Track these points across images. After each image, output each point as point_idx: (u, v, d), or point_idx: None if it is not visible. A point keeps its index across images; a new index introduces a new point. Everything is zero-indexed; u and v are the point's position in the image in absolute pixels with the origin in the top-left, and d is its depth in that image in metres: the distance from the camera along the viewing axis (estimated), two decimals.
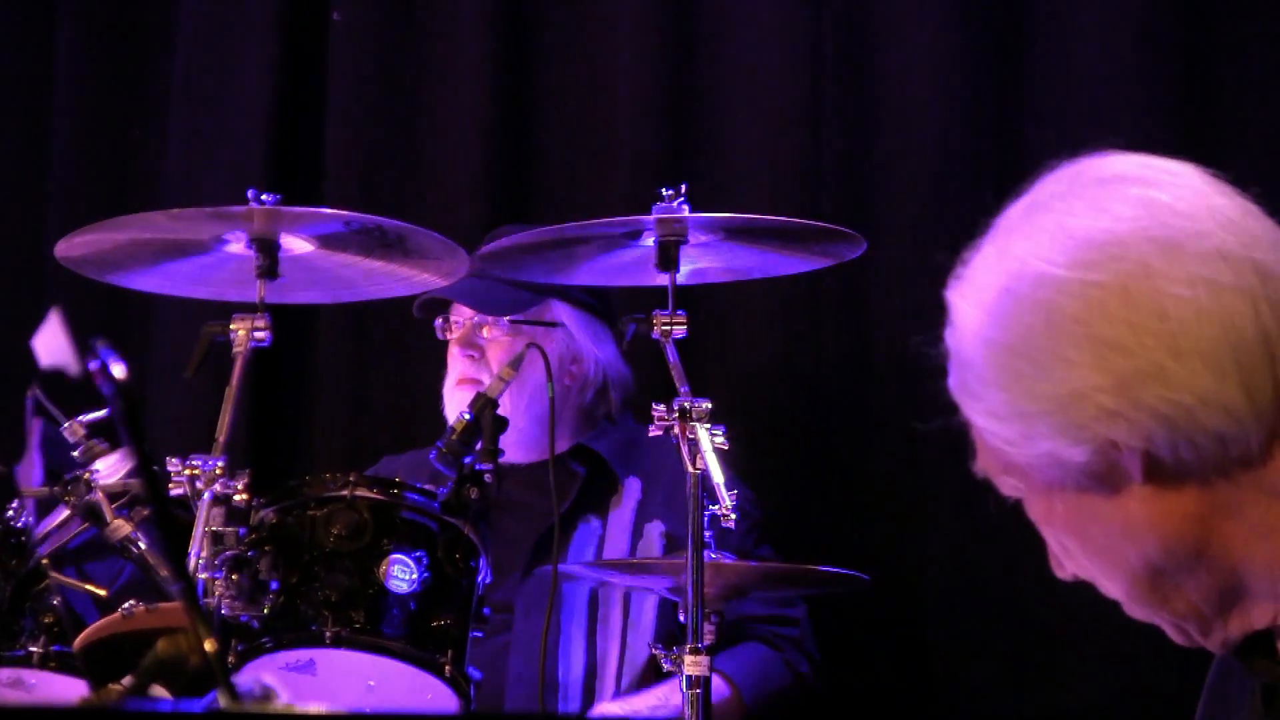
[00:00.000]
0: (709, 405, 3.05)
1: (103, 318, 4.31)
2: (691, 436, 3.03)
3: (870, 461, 4.00)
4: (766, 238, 3.31)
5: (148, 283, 3.38)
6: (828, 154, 4.06)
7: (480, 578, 3.08)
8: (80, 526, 3.09)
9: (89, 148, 4.59)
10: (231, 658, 2.93)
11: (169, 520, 2.63)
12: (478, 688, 3.05)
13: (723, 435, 3.04)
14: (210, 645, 1.35)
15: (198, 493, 2.94)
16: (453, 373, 3.75)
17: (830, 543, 3.90)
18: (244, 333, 3.09)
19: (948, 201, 3.89)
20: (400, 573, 2.99)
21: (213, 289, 3.33)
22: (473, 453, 3.07)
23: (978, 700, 3.87)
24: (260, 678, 1.35)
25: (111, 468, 3.08)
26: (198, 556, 2.90)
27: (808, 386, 4.08)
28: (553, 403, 3.37)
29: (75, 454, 3.14)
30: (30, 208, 4.57)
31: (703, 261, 3.32)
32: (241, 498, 2.96)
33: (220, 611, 2.91)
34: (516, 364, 3.20)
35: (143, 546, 3.00)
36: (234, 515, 2.96)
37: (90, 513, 3.01)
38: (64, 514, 3.09)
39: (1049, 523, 1.63)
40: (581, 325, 3.77)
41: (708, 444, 3.02)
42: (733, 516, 2.97)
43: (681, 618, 3.06)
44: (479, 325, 3.73)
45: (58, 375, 3.54)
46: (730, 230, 3.24)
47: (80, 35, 4.61)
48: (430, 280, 3.35)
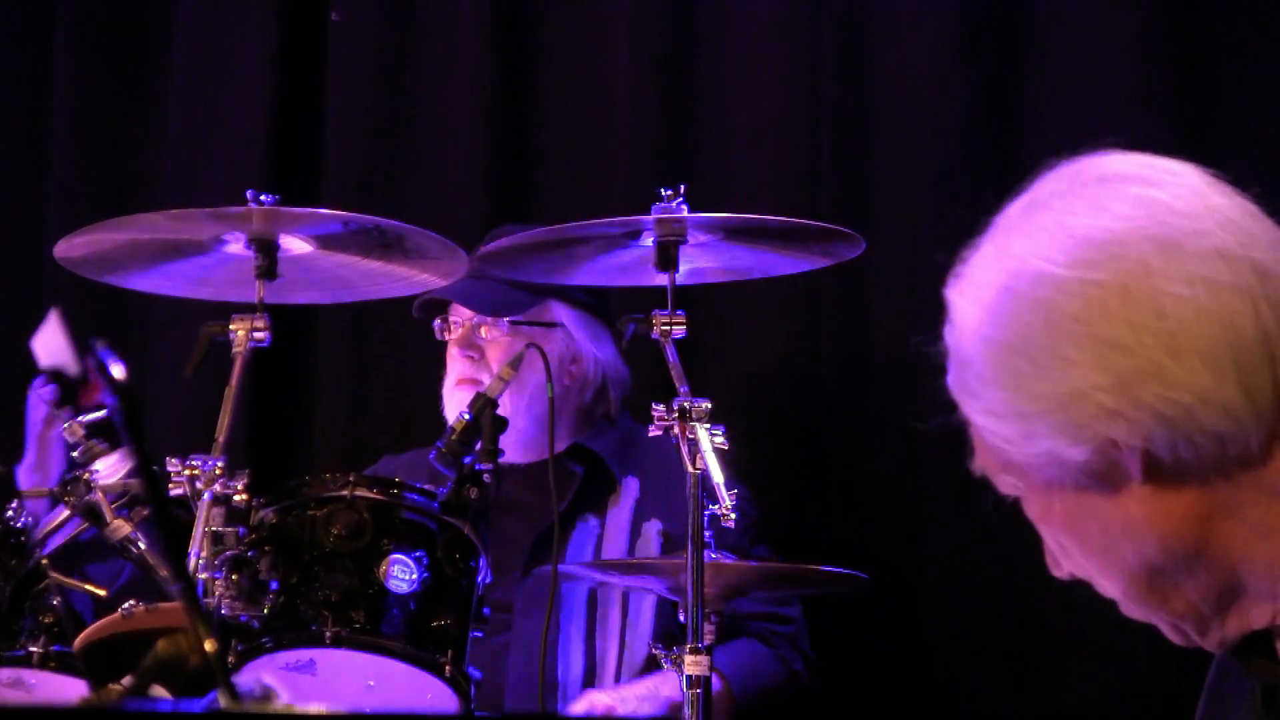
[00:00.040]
0: (709, 405, 3.05)
1: (102, 318, 4.31)
2: (691, 436, 3.03)
3: (869, 461, 4.00)
4: (766, 238, 3.31)
5: (147, 283, 3.38)
6: (826, 154, 4.05)
7: (480, 578, 3.07)
8: (80, 526, 3.09)
9: (89, 148, 4.59)
10: (231, 658, 2.93)
11: (169, 520, 2.63)
12: (477, 687, 3.05)
13: (722, 435, 3.04)
14: (210, 645, 1.35)
15: (197, 493, 2.94)
16: (452, 373, 3.75)
17: (829, 542, 3.90)
18: (243, 333, 3.09)
19: (946, 201, 3.89)
20: (400, 573, 2.99)
21: (212, 289, 3.33)
22: (472, 453, 3.06)
23: (977, 700, 3.87)
24: (260, 678, 1.35)
25: (111, 468, 3.08)
26: (197, 557, 2.90)
27: (807, 386, 4.07)
28: (552, 402, 3.37)
29: (75, 454, 3.14)
30: (30, 208, 4.56)
31: (702, 261, 3.32)
32: (241, 498, 2.96)
33: (220, 611, 2.91)
34: (516, 364, 3.20)
35: (142, 546, 3.00)
36: (234, 515, 2.96)
37: (90, 513, 3.01)
38: (63, 514, 3.09)
39: (1047, 521, 1.63)
40: (580, 325, 3.77)
41: (707, 444, 3.02)
42: (732, 516, 2.96)
43: (682, 617, 3.06)
44: (478, 326, 3.73)
45: (58, 374, 3.55)
46: (729, 230, 3.24)
47: (79, 35, 4.60)
48: (429, 280, 3.35)
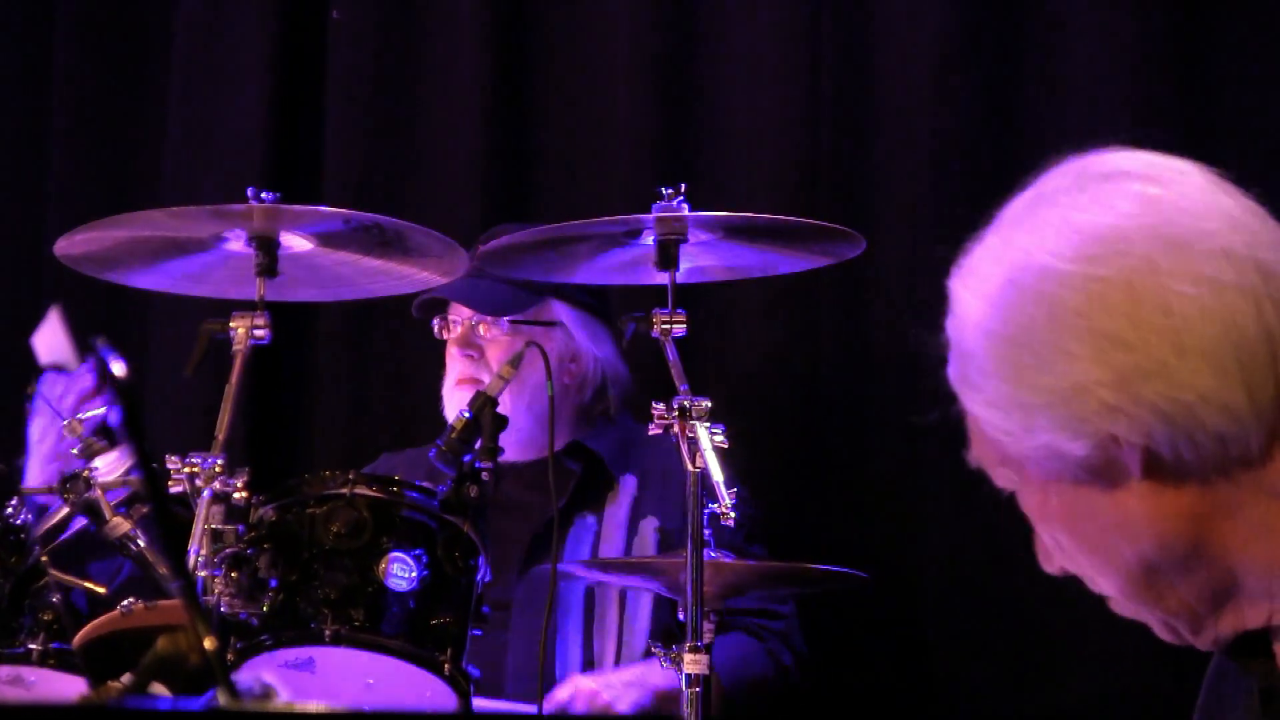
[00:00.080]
0: (709, 404, 3.05)
1: (102, 316, 4.31)
2: (691, 435, 3.02)
3: (869, 460, 4.00)
4: (766, 237, 3.31)
5: (147, 281, 3.38)
6: (826, 154, 4.05)
7: (479, 576, 3.07)
8: (79, 523, 3.09)
9: (88, 146, 4.59)
10: (231, 656, 2.93)
11: (168, 518, 2.63)
12: (476, 686, 3.05)
13: (722, 434, 3.04)
14: (210, 643, 1.35)
15: (197, 490, 2.94)
16: (452, 372, 3.75)
17: (829, 541, 3.90)
18: (243, 331, 3.09)
19: (946, 201, 3.89)
20: (400, 571, 2.99)
21: (212, 287, 3.33)
22: (472, 451, 3.06)
23: (977, 699, 3.87)
24: (260, 676, 1.35)
25: (111, 465, 3.08)
26: (197, 554, 2.90)
27: (806, 385, 4.07)
28: (552, 401, 3.37)
29: (74, 451, 3.14)
30: (30, 206, 4.56)
31: (702, 260, 3.32)
32: (241, 495, 2.96)
33: (219, 609, 2.91)
34: (516, 362, 3.20)
35: (142, 544, 3.00)
36: (233, 513, 2.96)
37: (89, 510, 3.01)
38: (63, 511, 3.09)
39: (1043, 516, 1.62)
40: (580, 324, 3.77)
41: (707, 443, 3.01)
42: (732, 515, 2.96)
43: (681, 616, 3.06)
44: (477, 325, 3.72)
45: (57, 372, 3.55)
46: (730, 229, 3.24)
47: (79, 34, 4.60)
48: (429, 278, 3.35)
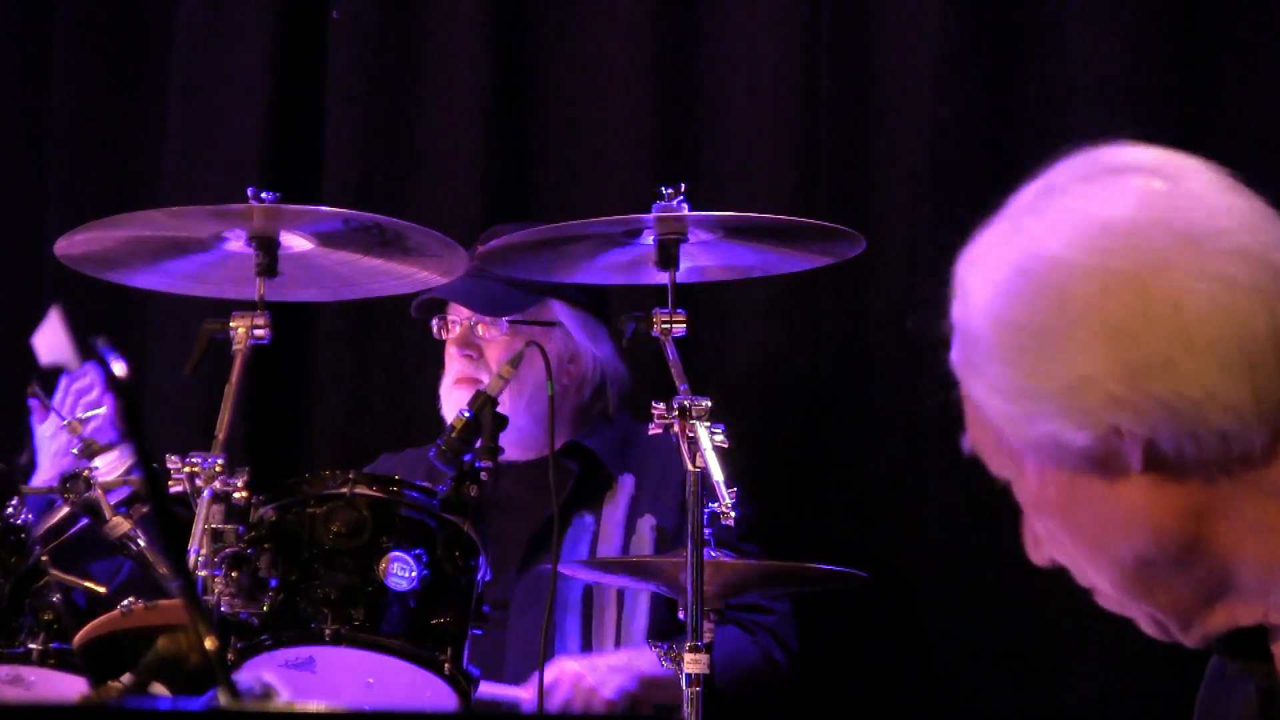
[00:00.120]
0: (709, 403, 3.05)
1: (102, 315, 4.31)
2: (691, 435, 3.02)
3: (868, 460, 3.99)
4: (766, 236, 3.31)
5: (147, 280, 3.38)
6: (826, 153, 4.05)
7: (480, 575, 3.07)
8: (80, 523, 3.09)
9: (88, 147, 4.58)
10: (231, 655, 2.93)
11: (168, 517, 2.62)
12: (476, 685, 3.05)
13: (722, 433, 3.04)
14: (210, 643, 1.35)
15: (197, 490, 2.94)
16: (450, 372, 3.74)
17: (829, 541, 3.90)
18: (243, 330, 3.09)
19: (946, 201, 3.89)
20: (400, 570, 2.99)
21: (212, 287, 3.33)
22: (472, 450, 3.06)
23: (977, 699, 3.87)
24: (260, 675, 1.35)
25: (111, 465, 3.08)
26: (197, 554, 2.90)
27: (806, 384, 4.07)
28: (552, 401, 3.37)
29: (75, 451, 3.14)
30: (30, 206, 4.56)
31: (702, 260, 3.32)
32: (241, 495, 2.96)
33: (220, 609, 2.91)
34: (516, 362, 3.20)
35: (142, 543, 3.00)
36: (233, 513, 2.96)
37: (89, 509, 3.01)
38: (63, 510, 3.09)
39: (1039, 505, 1.61)
40: (579, 324, 3.76)
41: (707, 442, 3.01)
42: (732, 514, 2.96)
43: (681, 616, 3.06)
44: (476, 325, 3.72)
45: (57, 371, 3.55)
46: (730, 229, 3.24)
47: (79, 35, 4.60)
48: (429, 278, 3.35)
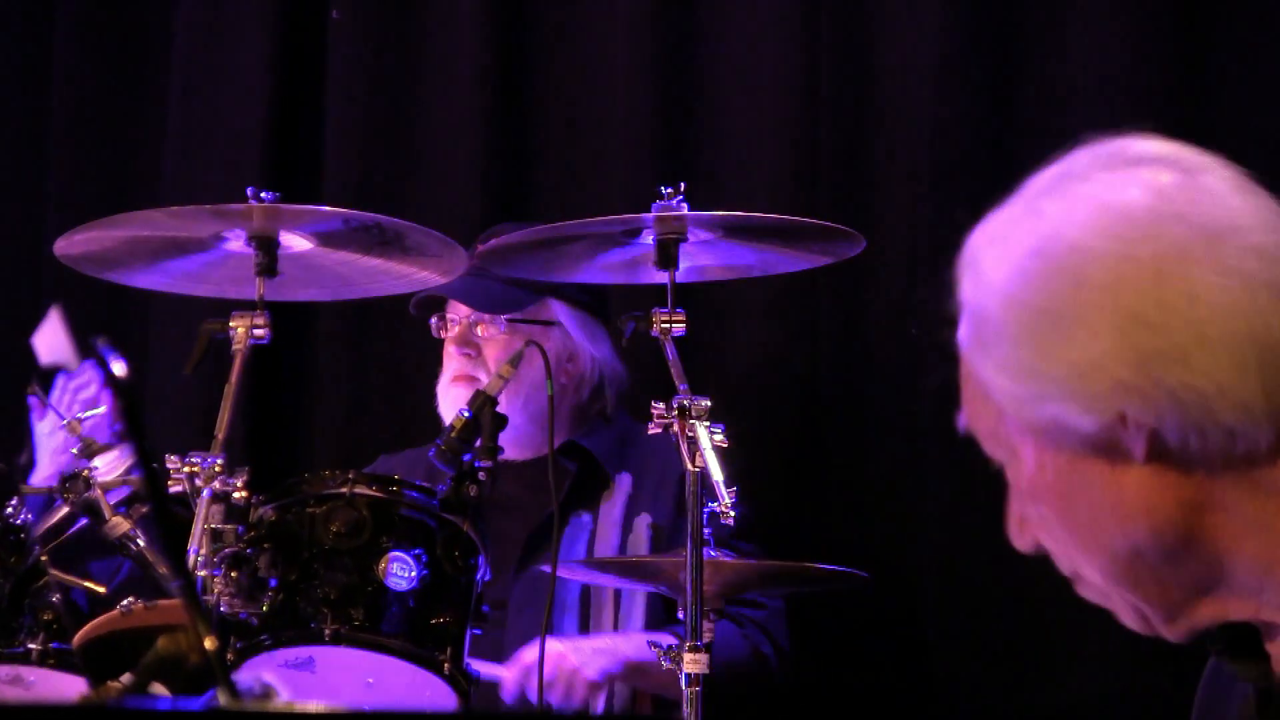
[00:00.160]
0: (708, 403, 3.05)
1: (102, 315, 4.31)
2: (691, 434, 3.02)
3: (868, 460, 3.99)
4: (765, 236, 3.31)
5: (147, 280, 3.38)
6: (826, 153, 4.05)
7: (479, 575, 3.07)
8: (79, 523, 3.09)
9: (88, 147, 4.58)
10: (231, 655, 2.93)
11: (168, 517, 2.62)
12: (476, 686, 3.05)
13: (722, 433, 3.04)
14: (210, 643, 1.35)
15: (197, 490, 2.94)
16: (448, 370, 3.74)
17: (829, 541, 3.90)
18: (243, 330, 3.09)
19: (946, 201, 3.89)
20: (399, 570, 2.99)
21: (212, 286, 3.33)
22: (472, 450, 3.06)
23: (976, 699, 3.87)
24: (259, 675, 1.35)
25: (110, 464, 3.08)
26: (197, 554, 2.90)
27: (805, 384, 4.07)
28: (551, 400, 3.37)
29: (74, 451, 3.14)
30: (30, 206, 4.56)
31: (701, 260, 3.32)
32: (240, 495, 2.96)
33: (219, 609, 2.91)
34: (516, 362, 3.20)
35: (141, 543, 3.00)
36: (233, 512, 2.96)
37: (89, 509, 3.01)
38: (63, 510, 3.09)
39: (1034, 489, 1.60)
40: (578, 324, 3.76)
41: (707, 442, 3.01)
42: (732, 514, 2.96)
43: (681, 616, 3.05)
44: (475, 323, 3.72)
45: (57, 371, 3.56)
46: (729, 228, 3.24)
47: (79, 34, 4.60)
48: (429, 278, 3.35)
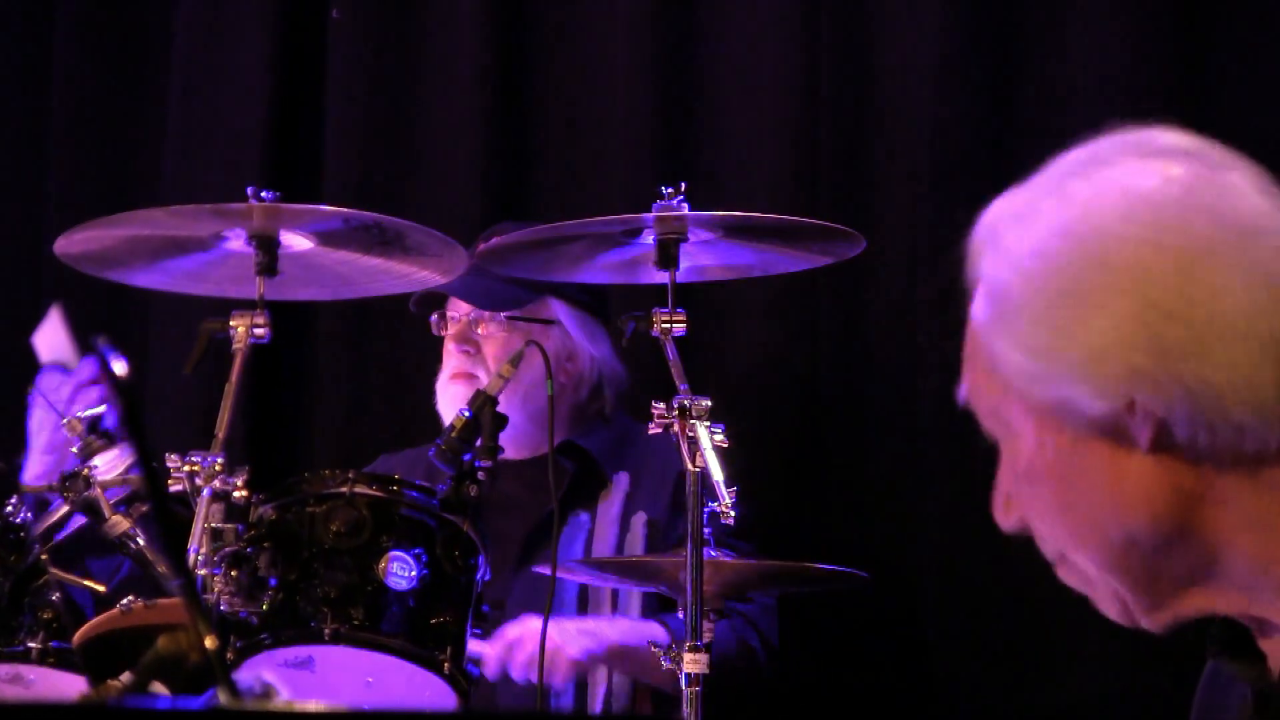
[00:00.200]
0: (709, 403, 3.05)
1: (102, 314, 4.31)
2: (691, 434, 3.02)
3: (868, 460, 3.99)
4: (766, 236, 3.32)
5: (147, 279, 3.38)
6: (826, 153, 4.05)
7: (479, 575, 3.07)
8: (79, 522, 3.09)
9: (88, 146, 4.59)
10: (231, 655, 2.93)
11: (168, 516, 2.62)
12: (476, 685, 3.05)
13: (722, 433, 3.04)
14: (210, 642, 1.35)
15: (197, 489, 2.94)
16: (447, 367, 3.74)
17: (829, 541, 3.90)
18: (243, 329, 3.09)
19: (946, 201, 3.89)
20: (399, 570, 2.99)
21: (212, 286, 3.33)
22: (472, 450, 3.06)
23: (976, 699, 3.87)
24: (259, 674, 1.35)
25: (110, 463, 3.08)
26: (197, 553, 2.90)
27: (805, 384, 4.07)
28: (551, 400, 3.37)
29: (74, 450, 3.14)
30: (30, 206, 4.56)
31: (701, 260, 3.32)
32: (241, 494, 2.96)
33: (219, 608, 2.91)
34: (516, 361, 3.20)
35: (141, 542, 3.00)
36: (233, 512, 2.96)
37: (89, 508, 3.01)
38: (63, 509, 3.09)
39: (1031, 468, 1.59)
40: (577, 323, 3.76)
41: (707, 442, 3.01)
42: (732, 514, 2.96)
43: (681, 615, 3.06)
44: (475, 321, 3.72)
45: (58, 370, 3.55)
46: (729, 228, 3.24)
47: (79, 34, 4.60)
48: (429, 277, 3.35)
